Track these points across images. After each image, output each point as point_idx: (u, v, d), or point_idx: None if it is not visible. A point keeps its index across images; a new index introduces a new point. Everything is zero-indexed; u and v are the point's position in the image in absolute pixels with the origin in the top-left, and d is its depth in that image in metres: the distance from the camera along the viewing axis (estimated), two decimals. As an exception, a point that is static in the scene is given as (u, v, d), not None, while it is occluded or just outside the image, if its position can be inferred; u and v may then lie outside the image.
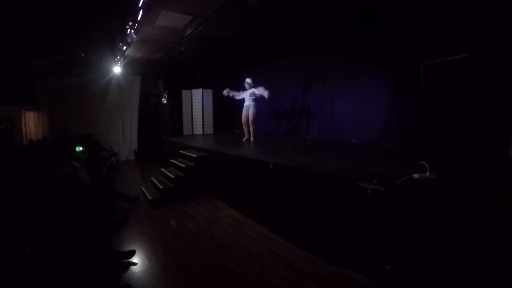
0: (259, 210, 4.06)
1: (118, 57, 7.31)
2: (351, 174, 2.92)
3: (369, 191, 2.57)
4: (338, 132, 6.44)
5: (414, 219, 2.48)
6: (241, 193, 4.59)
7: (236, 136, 8.08)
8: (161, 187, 5.25)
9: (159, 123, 9.72)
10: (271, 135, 7.90)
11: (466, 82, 3.67)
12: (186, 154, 6.04)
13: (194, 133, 9.48)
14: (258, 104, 6.54)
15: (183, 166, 5.55)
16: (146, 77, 10.01)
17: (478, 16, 3.79)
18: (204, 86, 9.39)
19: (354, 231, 2.67)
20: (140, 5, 4.15)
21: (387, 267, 2.51)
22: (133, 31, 5.08)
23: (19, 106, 8.03)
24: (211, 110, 9.56)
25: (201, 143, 6.77)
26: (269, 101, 6.64)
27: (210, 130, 9.59)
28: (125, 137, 10.03)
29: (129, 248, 3.23)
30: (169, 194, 5.14)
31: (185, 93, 9.36)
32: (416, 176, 2.55)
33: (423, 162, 2.59)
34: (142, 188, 5.70)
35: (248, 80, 6.53)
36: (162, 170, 6.07)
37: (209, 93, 9.47)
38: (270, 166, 3.78)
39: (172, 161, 6.17)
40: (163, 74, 9.59)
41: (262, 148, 5.58)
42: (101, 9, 4.71)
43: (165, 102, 9.37)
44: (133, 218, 4.24)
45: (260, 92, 6.26)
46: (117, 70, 8.17)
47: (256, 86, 6.45)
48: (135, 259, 3.07)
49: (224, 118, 9.95)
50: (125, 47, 6.25)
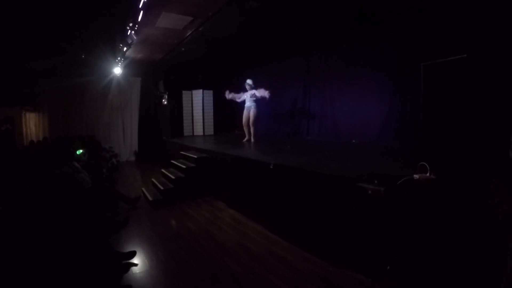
0: (260, 211, 4.06)
1: (119, 58, 7.32)
2: (352, 175, 2.92)
3: (369, 192, 2.57)
4: (338, 132, 6.44)
5: (415, 220, 2.48)
6: (241, 193, 4.58)
7: (236, 136, 8.07)
8: (161, 188, 5.25)
9: (160, 124, 9.73)
10: (272, 136, 7.91)
11: (466, 83, 3.68)
12: (187, 155, 6.04)
13: (195, 134, 9.49)
14: (259, 104, 6.54)
15: (184, 167, 5.56)
16: (147, 78, 10.04)
17: (478, 16, 3.79)
18: (204, 87, 9.41)
19: (355, 232, 2.67)
20: (140, 6, 4.16)
21: (388, 268, 2.51)
22: (133, 32, 5.09)
23: (20, 107, 8.03)
24: (212, 111, 9.59)
25: (201, 144, 6.77)
26: (269, 101, 6.63)
27: (210, 131, 9.61)
28: (125, 138, 10.04)
29: (129, 249, 3.23)
30: (169, 195, 5.14)
31: (185, 94, 9.38)
32: (416, 176, 2.55)
33: (424, 163, 2.59)
34: (143, 189, 5.70)
35: (249, 81, 6.53)
36: (163, 171, 6.07)
37: (209, 93, 9.49)
38: (271, 167, 3.78)
39: (172, 162, 6.17)
40: (164, 75, 9.61)
41: (263, 148, 5.58)
42: (101, 10, 4.72)
43: (165, 103, 9.38)
44: (133, 219, 4.24)
45: (260, 94, 6.26)
46: (117, 71, 8.20)
47: (256, 88, 6.46)
48: (136, 260, 3.07)
49: (224, 119, 9.97)
50: (125, 48, 6.26)
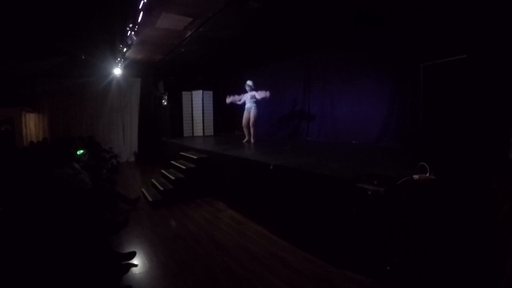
0: (260, 211, 4.06)
1: (119, 59, 7.33)
2: (351, 175, 2.92)
3: (369, 192, 2.57)
4: (338, 133, 6.44)
5: (414, 220, 2.48)
6: (241, 194, 4.58)
7: (236, 137, 8.08)
8: (161, 189, 5.25)
9: (159, 125, 9.73)
10: (271, 137, 7.91)
11: (466, 83, 3.68)
12: (187, 155, 6.04)
13: (195, 134, 9.50)
14: (259, 105, 6.54)
15: (184, 167, 5.56)
16: (146, 78, 10.04)
17: (478, 16, 3.80)
18: (204, 88, 9.42)
19: (355, 232, 2.67)
20: (140, 7, 4.17)
21: (388, 268, 2.51)
22: (133, 33, 5.10)
23: (20, 108, 8.03)
24: (211, 111, 9.60)
25: (201, 145, 6.77)
26: (269, 102, 6.63)
27: (210, 131, 9.61)
28: (125, 138, 10.04)
29: (129, 249, 3.23)
30: (169, 196, 5.14)
31: (185, 94, 9.39)
32: (416, 177, 2.55)
33: (423, 163, 2.59)
34: (143, 189, 5.70)
35: (249, 82, 6.54)
36: (163, 171, 6.07)
37: (209, 94, 9.50)
38: (271, 168, 3.78)
39: (172, 162, 6.17)
40: (163, 75, 9.62)
41: (263, 149, 5.58)
42: (101, 10, 4.73)
43: (165, 103, 9.38)
44: (133, 219, 4.24)
45: (260, 95, 6.27)
46: (117, 71, 8.21)
47: (256, 89, 6.46)
48: (136, 261, 3.07)
49: (224, 120, 9.98)
50: (125, 49, 6.27)
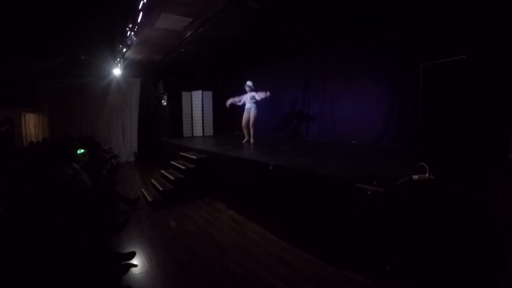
0: (259, 212, 4.06)
1: (118, 59, 7.33)
2: (351, 175, 2.92)
3: (368, 192, 2.57)
4: (338, 133, 6.45)
5: (414, 220, 2.48)
6: (241, 194, 4.58)
7: (236, 137, 8.08)
8: (161, 189, 5.24)
9: (159, 125, 9.73)
10: (271, 137, 7.91)
11: (466, 83, 3.68)
12: (186, 156, 6.04)
13: (194, 134, 9.50)
14: (259, 106, 6.54)
15: (183, 168, 5.56)
16: (146, 79, 10.04)
17: (478, 16, 3.80)
18: (204, 88, 9.42)
19: (354, 232, 2.67)
20: (140, 7, 4.17)
21: (387, 268, 2.51)
22: (133, 33, 5.10)
23: (19, 108, 8.03)
24: (211, 111, 9.60)
25: (201, 145, 6.77)
26: (269, 102, 6.63)
27: (210, 131, 9.62)
28: (125, 139, 10.04)
29: (129, 249, 3.23)
30: (169, 196, 5.14)
31: (185, 95, 9.39)
32: (415, 177, 2.55)
33: (423, 163, 2.59)
34: (142, 190, 5.70)
35: (249, 83, 6.54)
36: (162, 172, 6.07)
37: (209, 94, 9.51)
38: (270, 168, 3.78)
39: (172, 163, 6.17)
40: (163, 76, 9.61)
41: (262, 149, 5.58)
42: (101, 10, 4.73)
43: (165, 104, 9.38)
44: (133, 219, 4.24)
45: (260, 97, 6.27)
46: (117, 72, 8.20)
47: (256, 89, 6.46)
48: (135, 261, 3.06)
49: (224, 120, 9.97)
50: (125, 49, 6.27)
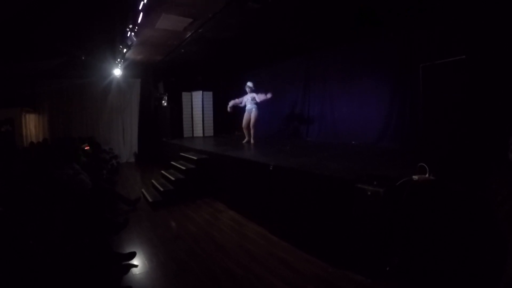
0: (260, 212, 4.06)
1: (119, 59, 7.34)
2: (351, 176, 2.92)
3: (369, 193, 2.57)
4: (338, 133, 6.45)
5: (414, 220, 2.48)
6: (241, 195, 4.59)
7: (236, 138, 8.08)
8: (161, 189, 5.25)
9: (160, 125, 9.73)
10: (271, 137, 7.91)
11: (466, 84, 3.68)
12: (187, 156, 6.05)
13: (195, 135, 9.51)
14: (260, 106, 6.54)
15: (184, 168, 5.56)
16: (146, 79, 10.04)
17: (478, 16, 3.80)
18: (204, 88, 9.43)
19: (354, 233, 2.67)
20: (140, 7, 4.17)
21: (387, 269, 2.51)
22: (133, 34, 5.10)
23: (20, 108, 8.04)
24: (211, 112, 9.61)
25: (201, 145, 6.78)
26: (269, 102, 6.62)
27: (210, 132, 9.62)
28: (125, 139, 10.04)
29: (129, 250, 3.23)
30: (169, 196, 5.14)
31: (185, 95, 9.40)
32: (415, 177, 2.55)
33: (423, 163, 2.59)
34: (143, 190, 5.70)
35: (249, 83, 6.54)
36: (163, 172, 6.07)
37: (209, 95, 9.51)
38: (270, 168, 3.78)
39: (172, 163, 6.17)
40: (163, 76, 9.62)
41: (263, 150, 5.59)
42: (101, 11, 4.73)
43: (165, 104, 9.38)
44: (133, 220, 4.24)
45: (260, 99, 6.26)
46: (117, 72, 8.21)
47: (257, 90, 6.46)
48: (136, 261, 3.06)
49: (224, 120, 9.96)
50: (125, 50, 6.28)
